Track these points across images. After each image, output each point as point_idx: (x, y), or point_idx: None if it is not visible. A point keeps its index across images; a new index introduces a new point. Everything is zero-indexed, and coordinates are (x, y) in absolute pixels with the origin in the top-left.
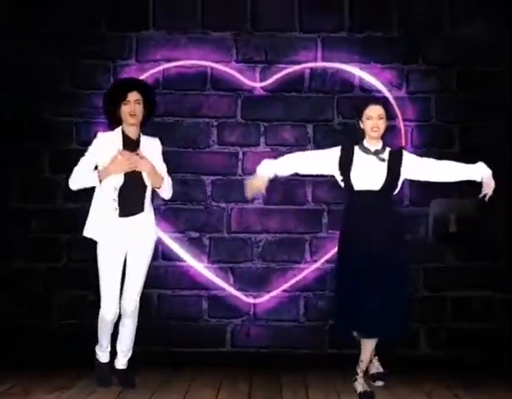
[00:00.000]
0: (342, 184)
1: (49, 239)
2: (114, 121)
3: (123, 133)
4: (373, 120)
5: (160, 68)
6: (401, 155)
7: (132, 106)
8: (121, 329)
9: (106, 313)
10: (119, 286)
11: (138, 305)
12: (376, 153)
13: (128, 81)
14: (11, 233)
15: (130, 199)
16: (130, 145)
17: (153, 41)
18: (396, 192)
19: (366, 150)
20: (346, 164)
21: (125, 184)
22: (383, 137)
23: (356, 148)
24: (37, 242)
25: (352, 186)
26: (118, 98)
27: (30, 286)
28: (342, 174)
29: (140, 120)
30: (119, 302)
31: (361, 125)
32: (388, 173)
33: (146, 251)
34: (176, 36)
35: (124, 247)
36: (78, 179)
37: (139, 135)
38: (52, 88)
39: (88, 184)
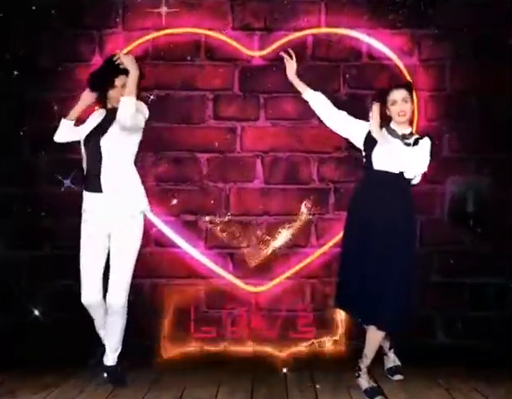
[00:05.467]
0: (364, 159)
1: (30, 225)
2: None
3: (106, 110)
4: (398, 104)
5: (150, 37)
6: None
7: (119, 92)
8: (108, 326)
9: (87, 296)
10: (100, 268)
11: (126, 301)
12: (403, 137)
13: (113, 65)
14: None
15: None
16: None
17: (141, 8)
18: (416, 180)
19: (392, 132)
20: (371, 141)
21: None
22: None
23: (384, 129)
24: (18, 228)
25: (371, 164)
26: (105, 84)
27: (11, 276)
28: (365, 151)
29: None
30: (102, 286)
31: (388, 113)
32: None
33: (130, 237)
34: (167, 2)
35: (106, 228)
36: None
37: None
38: (32, 61)
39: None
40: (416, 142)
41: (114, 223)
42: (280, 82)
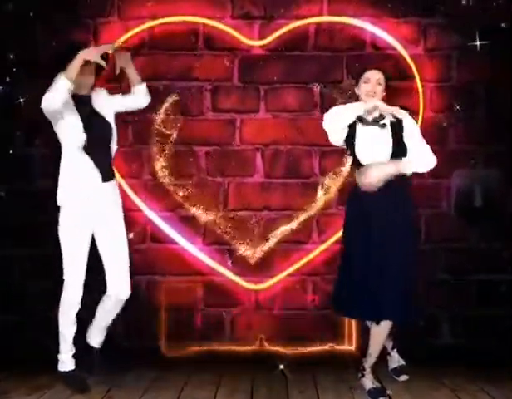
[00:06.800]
0: (351, 157)
1: (26, 223)
2: None
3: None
4: (370, 83)
5: (146, 26)
6: (400, 119)
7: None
8: (107, 316)
9: (74, 294)
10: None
11: None
12: (375, 121)
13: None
14: None
15: (103, 160)
16: (83, 100)
17: None
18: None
19: (364, 122)
20: (349, 138)
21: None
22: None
23: (358, 121)
24: (13, 226)
25: (358, 161)
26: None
27: (6, 276)
28: (348, 150)
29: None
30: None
31: (357, 91)
32: (394, 140)
33: (121, 216)
34: None
35: (93, 220)
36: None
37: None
38: (25, 52)
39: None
40: (397, 124)
41: (108, 208)
42: (281, 73)
